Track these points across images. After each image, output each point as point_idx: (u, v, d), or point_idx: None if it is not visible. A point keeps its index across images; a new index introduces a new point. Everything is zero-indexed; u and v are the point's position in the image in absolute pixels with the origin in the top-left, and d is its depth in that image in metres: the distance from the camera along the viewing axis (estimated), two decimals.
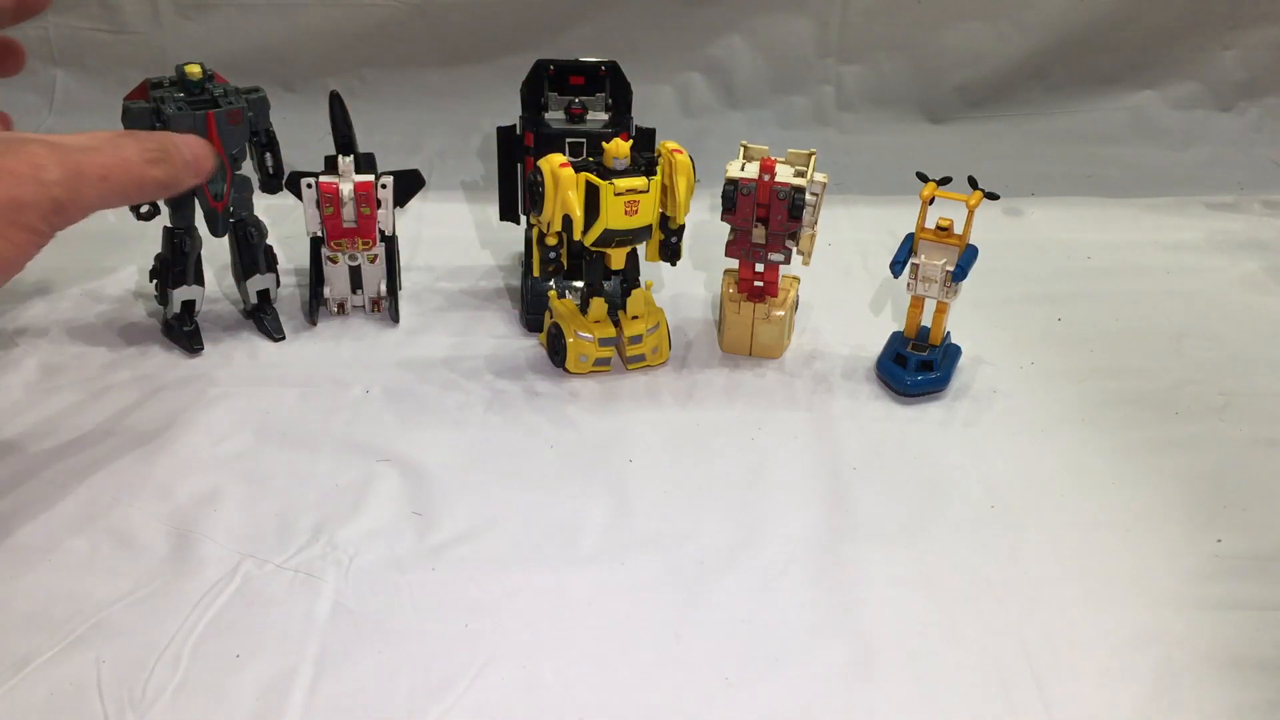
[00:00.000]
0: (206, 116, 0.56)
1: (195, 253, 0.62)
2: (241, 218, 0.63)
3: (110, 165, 0.48)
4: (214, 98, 0.58)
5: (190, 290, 0.63)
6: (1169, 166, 0.96)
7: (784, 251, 0.62)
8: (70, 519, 0.51)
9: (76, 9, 0.96)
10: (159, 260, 0.63)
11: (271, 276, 0.65)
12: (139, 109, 0.57)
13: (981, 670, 0.44)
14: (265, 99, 0.60)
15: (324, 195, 0.63)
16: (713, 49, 1.00)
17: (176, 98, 0.57)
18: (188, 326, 0.63)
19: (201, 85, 0.58)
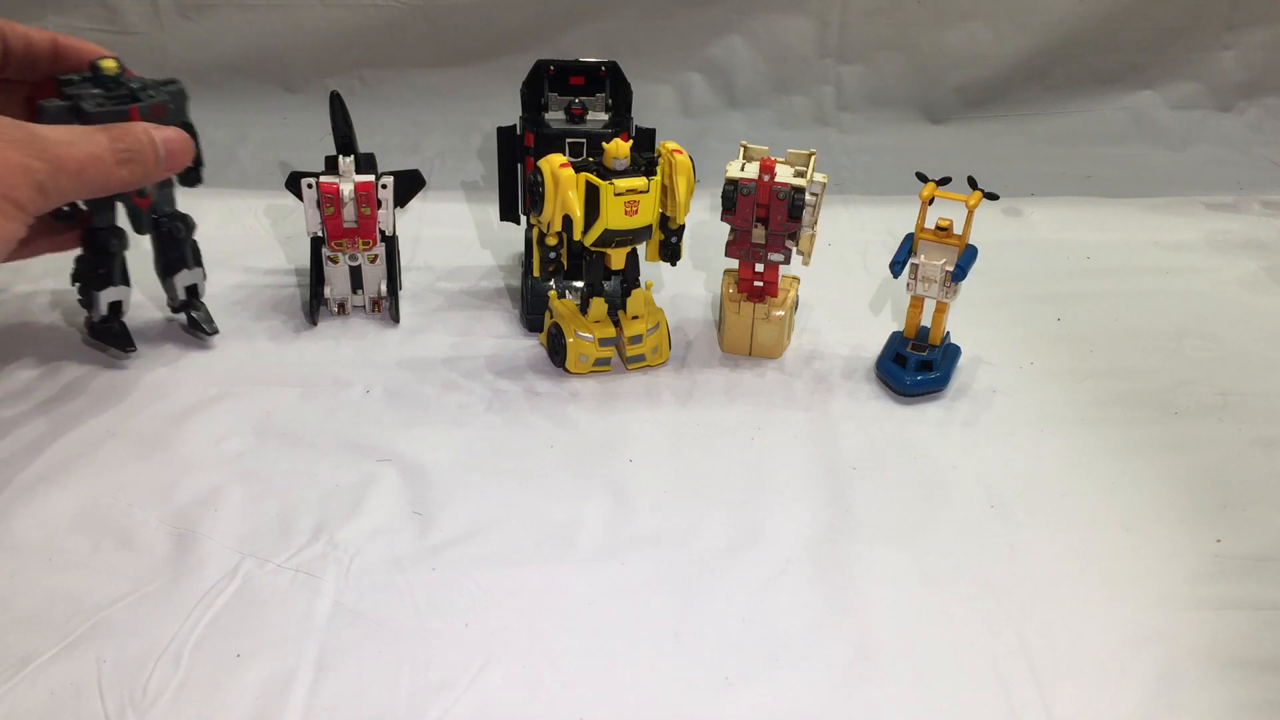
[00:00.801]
0: (130, 111, 0.55)
1: (120, 252, 0.61)
2: (165, 213, 0.61)
3: (84, 161, 0.50)
4: (133, 92, 0.56)
5: (118, 291, 0.61)
6: (1169, 166, 0.96)
7: (784, 251, 0.62)
8: (70, 519, 0.51)
9: (76, 9, 0.96)
10: (80, 262, 0.61)
11: (199, 270, 0.64)
12: (55, 107, 0.54)
13: (981, 670, 0.44)
14: (183, 91, 0.59)
15: (324, 195, 0.63)
16: (713, 49, 1.00)
17: (93, 94, 0.55)
18: (116, 325, 0.62)
19: (118, 80, 0.56)
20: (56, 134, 0.50)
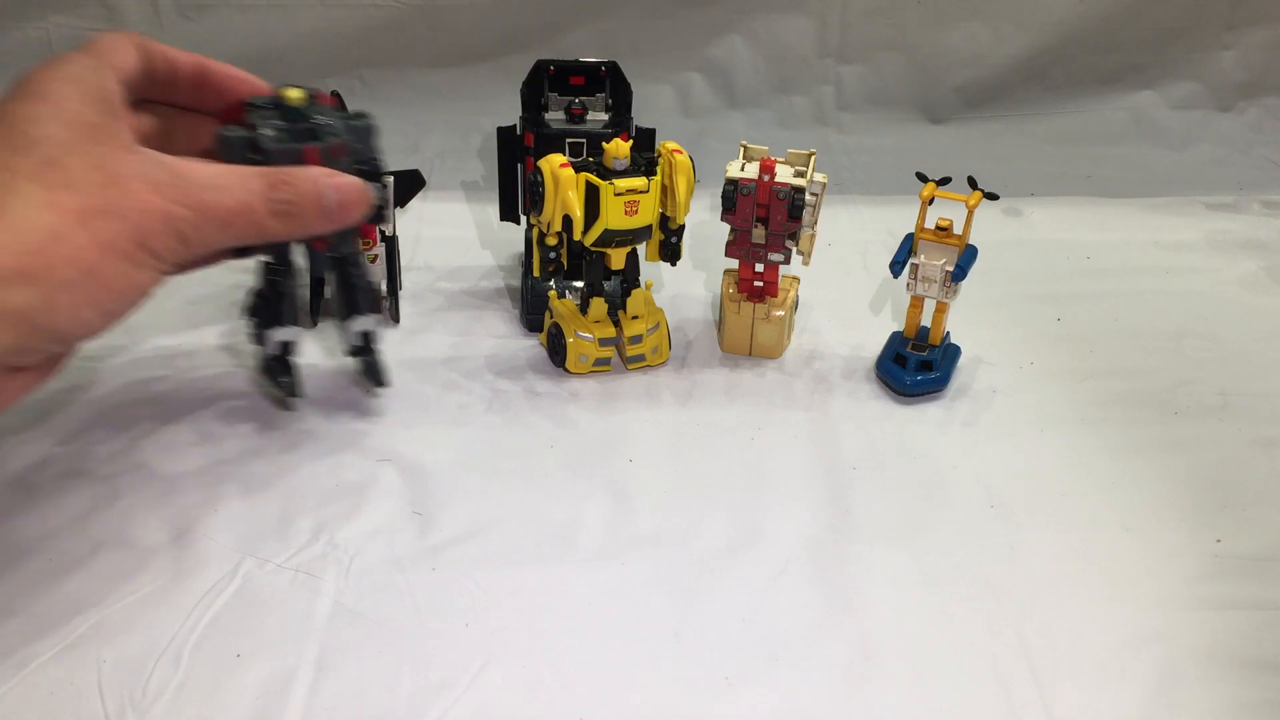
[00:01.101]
0: (309, 151, 0.50)
1: (294, 291, 0.56)
2: (344, 253, 0.56)
3: (234, 210, 0.46)
4: (315, 129, 0.51)
5: (289, 331, 0.57)
6: (1169, 166, 0.96)
7: (784, 251, 0.62)
8: (70, 519, 0.51)
9: (76, 9, 0.96)
10: (255, 296, 0.57)
11: (374, 318, 0.59)
12: (234, 137, 0.50)
13: (981, 670, 0.44)
14: (372, 126, 0.53)
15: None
16: (713, 49, 1.00)
17: (275, 125, 0.50)
18: (283, 376, 0.58)
19: (301, 112, 0.51)
20: (207, 176, 0.46)
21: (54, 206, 0.42)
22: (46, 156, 0.42)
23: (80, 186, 0.42)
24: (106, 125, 0.44)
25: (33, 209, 0.41)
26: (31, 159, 0.42)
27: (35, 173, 0.42)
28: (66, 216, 0.42)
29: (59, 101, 0.44)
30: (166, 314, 0.68)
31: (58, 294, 0.42)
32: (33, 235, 0.41)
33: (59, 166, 0.42)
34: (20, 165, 0.42)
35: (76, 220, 0.42)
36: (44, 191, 0.42)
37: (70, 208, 0.42)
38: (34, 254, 0.41)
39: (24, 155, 0.42)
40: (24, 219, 0.41)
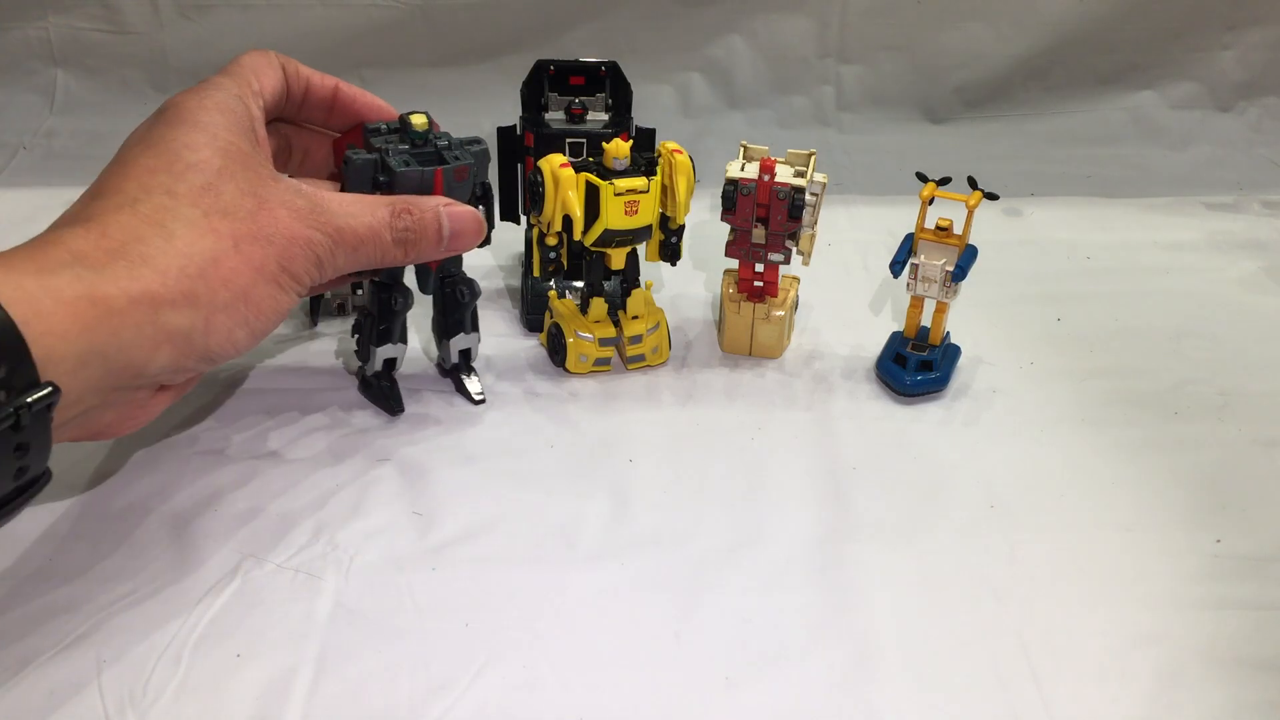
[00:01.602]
0: (435, 174, 0.53)
1: (405, 310, 0.58)
2: (452, 273, 0.58)
3: (364, 238, 0.49)
4: (438, 150, 0.54)
5: (394, 348, 0.58)
6: (1168, 166, 0.96)
7: (784, 251, 0.62)
8: (70, 519, 0.51)
9: (77, 9, 0.96)
10: (363, 315, 0.58)
11: (475, 336, 0.61)
12: (363, 161, 0.52)
13: (981, 670, 0.44)
14: (488, 151, 0.56)
15: None
16: (713, 49, 1.00)
17: (400, 149, 0.53)
18: (386, 383, 0.59)
19: (425, 137, 0.54)
20: (340, 204, 0.49)
21: (213, 231, 0.44)
22: (204, 182, 0.44)
23: (234, 212, 0.45)
24: (254, 153, 0.47)
25: (194, 233, 0.43)
26: (191, 184, 0.44)
27: (195, 198, 0.44)
28: (223, 241, 0.44)
29: (212, 130, 0.46)
30: None
31: (215, 315, 0.44)
32: (194, 259, 0.43)
33: (215, 192, 0.44)
34: (180, 189, 0.44)
35: (232, 245, 0.44)
36: (203, 216, 0.44)
37: (226, 232, 0.44)
38: (196, 278, 0.43)
39: (183, 180, 0.44)
40: (187, 243, 0.43)
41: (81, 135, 0.95)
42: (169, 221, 0.43)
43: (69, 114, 0.97)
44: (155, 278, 0.41)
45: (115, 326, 0.40)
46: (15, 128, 0.95)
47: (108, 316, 0.40)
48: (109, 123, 0.96)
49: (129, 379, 0.42)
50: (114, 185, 0.44)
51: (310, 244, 0.47)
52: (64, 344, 0.38)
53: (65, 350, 0.38)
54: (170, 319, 0.42)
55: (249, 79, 0.50)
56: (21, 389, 0.37)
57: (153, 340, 0.42)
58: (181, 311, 0.42)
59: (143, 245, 0.42)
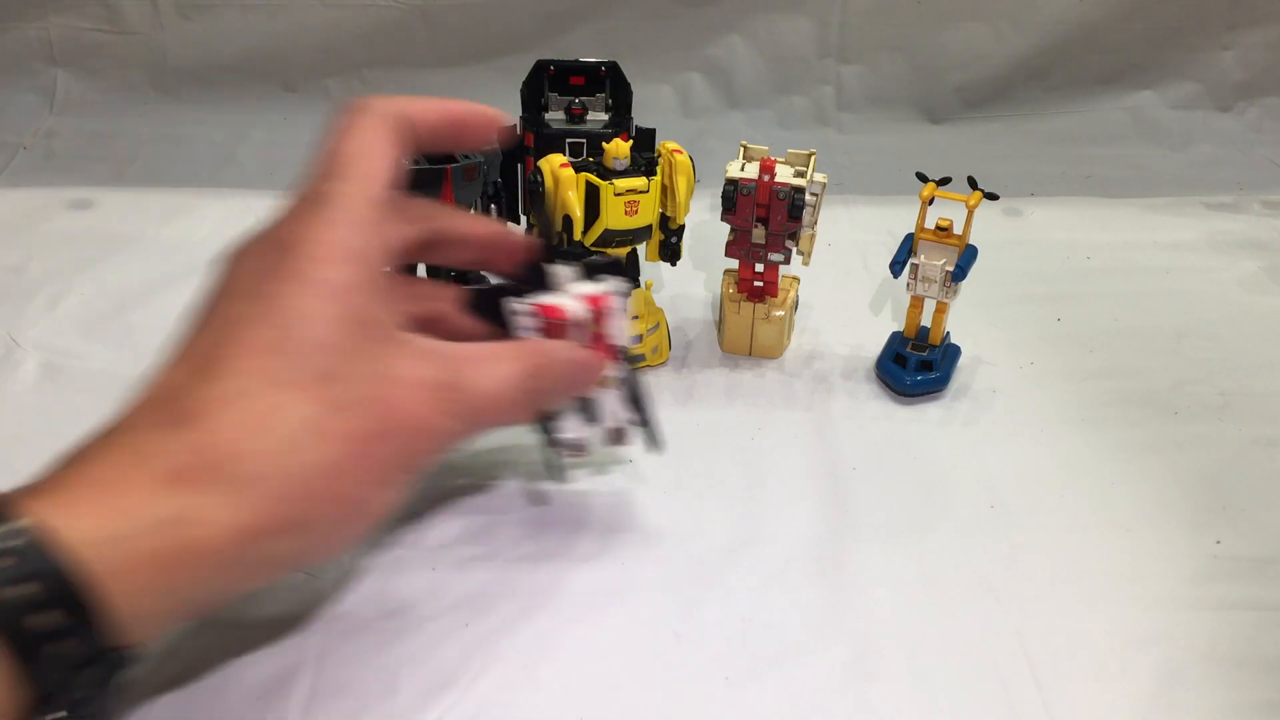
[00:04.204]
0: (444, 173, 0.53)
1: None
2: (463, 271, 0.57)
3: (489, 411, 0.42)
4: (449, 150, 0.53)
5: None
6: (1168, 166, 0.96)
7: (784, 252, 0.62)
8: None
9: (76, 9, 0.96)
10: None
11: None
12: None
13: (981, 670, 0.44)
14: (498, 151, 0.55)
15: (550, 323, 0.46)
16: (713, 49, 1.00)
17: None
18: None
19: None
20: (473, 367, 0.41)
21: (333, 436, 0.36)
22: (326, 368, 0.37)
23: (358, 407, 0.37)
24: (377, 314, 0.39)
25: (312, 441, 0.36)
26: (311, 371, 0.36)
27: (314, 390, 0.36)
28: (344, 447, 0.37)
29: (334, 292, 0.38)
30: (168, 322, 0.68)
31: (324, 537, 0.38)
32: (309, 478, 0.36)
33: (337, 381, 0.37)
34: (295, 379, 0.36)
35: (354, 450, 0.37)
36: (323, 416, 0.36)
37: (347, 435, 0.37)
38: (306, 500, 0.36)
39: (302, 366, 0.36)
40: (302, 456, 0.36)
41: (81, 135, 0.95)
42: (283, 425, 0.35)
43: (69, 114, 0.97)
44: (263, 506, 0.35)
45: (210, 570, 0.34)
46: (15, 128, 0.95)
47: (200, 560, 0.34)
48: (109, 123, 0.96)
49: (212, 605, 0.37)
50: (222, 363, 0.36)
51: (439, 433, 0.40)
52: (151, 600, 0.33)
53: (151, 608, 0.33)
54: (271, 549, 0.35)
55: (365, 181, 0.40)
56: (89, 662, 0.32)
57: (247, 572, 0.36)
58: (287, 540, 0.36)
59: (251, 462, 0.35)
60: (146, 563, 0.33)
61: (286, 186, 0.68)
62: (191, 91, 0.99)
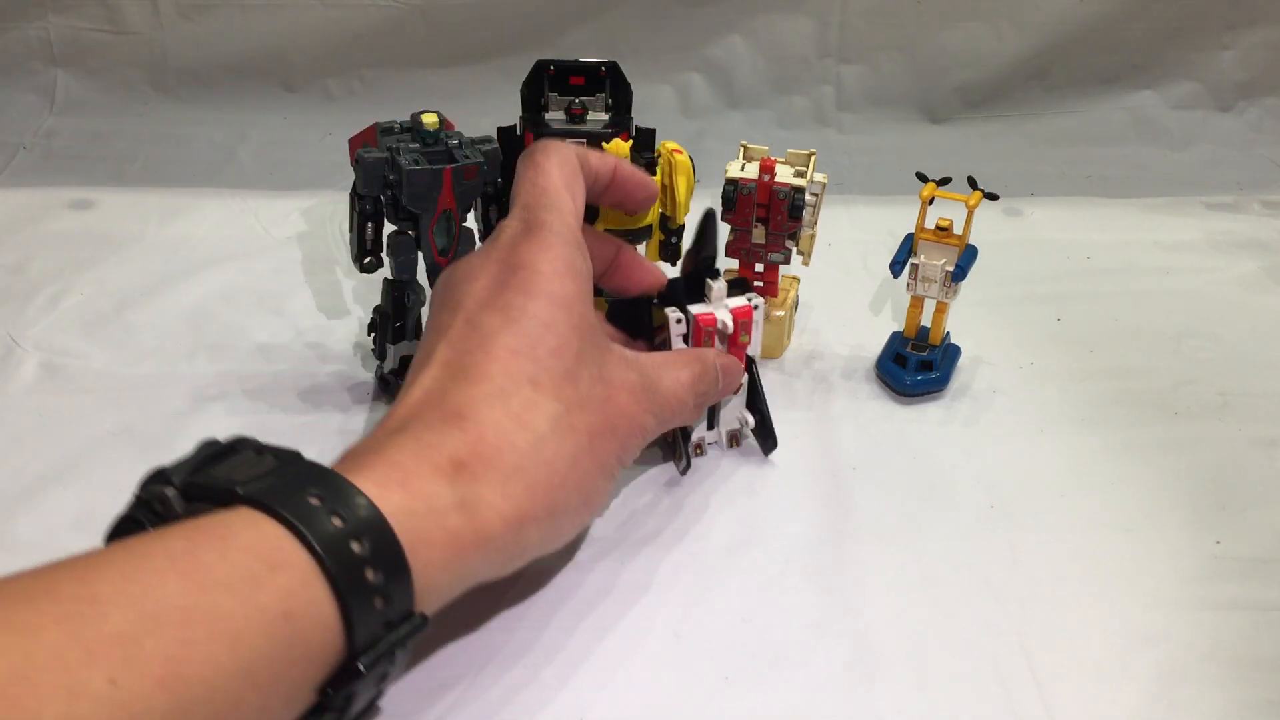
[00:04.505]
0: (444, 173, 0.53)
1: (417, 308, 0.58)
2: None
3: (677, 408, 0.49)
4: (449, 150, 0.54)
5: (409, 345, 0.58)
6: (1169, 166, 0.96)
7: (784, 252, 0.62)
8: (70, 519, 0.51)
9: (76, 9, 0.96)
10: (378, 313, 0.59)
11: None
12: (374, 159, 0.52)
13: (981, 670, 0.44)
14: (498, 150, 0.56)
15: (702, 329, 0.52)
16: (713, 49, 1.00)
17: (411, 148, 0.53)
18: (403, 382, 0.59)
19: (436, 136, 0.54)
20: (658, 372, 0.47)
21: (573, 430, 0.42)
22: (565, 370, 0.42)
23: (589, 403, 0.43)
24: (596, 324, 0.45)
25: (559, 435, 0.41)
26: (554, 372, 0.42)
27: (557, 389, 0.42)
28: (581, 440, 0.42)
29: (568, 303, 0.43)
30: (168, 322, 0.68)
31: (564, 523, 0.43)
32: (558, 468, 0.41)
33: (575, 380, 0.42)
34: (544, 379, 0.42)
35: (588, 443, 0.42)
36: (565, 412, 0.42)
37: (583, 429, 0.42)
38: (557, 488, 0.41)
39: (547, 369, 0.42)
40: (553, 449, 0.41)
41: (81, 135, 0.95)
42: (536, 420, 0.41)
43: (69, 114, 0.97)
44: (525, 495, 0.40)
45: (486, 553, 0.39)
46: (15, 128, 0.95)
47: (481, 543, 0.38)
48: (109, 123, 0.96)
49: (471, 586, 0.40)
50: (479, 367, 0.41)
51: (644, 429, 0.46)
52: (442, 575, 0.37)
53: (440, 582, 0.37)
54: (530, 535, 0.40)
55: (570, 207, 0.47)
56: (397, 622, 0.35)
57: (510, 558, 0.41)
58: (541, 526, 0.41)
59: (516, 455, 0.40)
60: (441, 540, 0.37)
61: (286, 186, 0.68)
62: (191, 91, 0.99)
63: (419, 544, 0.36)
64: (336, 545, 0.33)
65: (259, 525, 0.33)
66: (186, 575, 0.31)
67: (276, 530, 0.33)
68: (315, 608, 0.33)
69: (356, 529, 0.34)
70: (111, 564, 0.31)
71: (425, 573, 0.36)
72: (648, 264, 0.55)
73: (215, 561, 0.32)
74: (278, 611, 0.32)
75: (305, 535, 0.33)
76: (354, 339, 0.66)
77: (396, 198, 0.54)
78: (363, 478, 0.36)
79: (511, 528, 0.39)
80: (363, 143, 0.55)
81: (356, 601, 0.33)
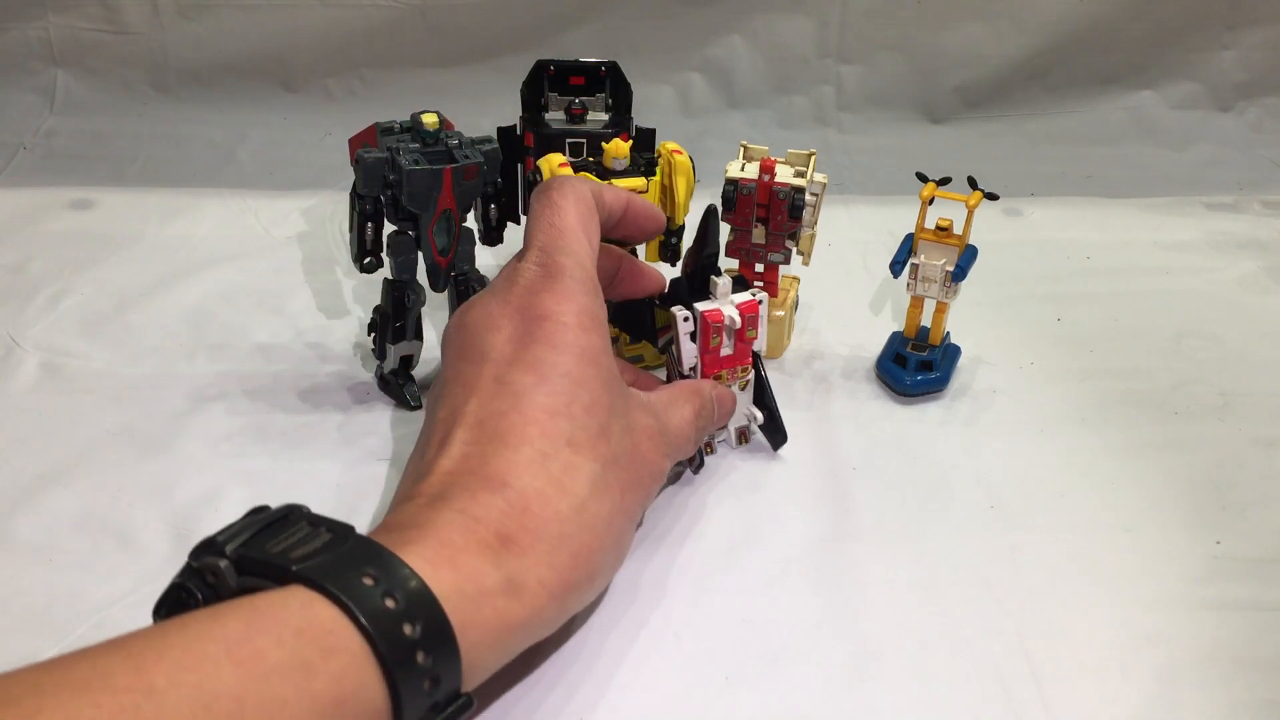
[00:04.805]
0: (444, 173, 0.53)
1: (417, 307, 0.58)
2: (464, 271, 0.58)
3: (686, 445, 0.49)
4: (449, 150, 0.54)
5: (409, 345, 0.59)
6: (1168, 166, 0.96)
7: (784, 252, 0.62)
8: (70, 519, 0.51)
9: (76, 9, 0.97)
10: (378, 313, 0.59)
11: None
12: (374, 160, 0.52)
13: (981, 670, 0.44)
14: (498, 150, 0.57)
15: (710, 325, 0.52)
16: (713, 49, 1.00)
17: (411, 148, 0.53)
18: (405, 387, 0.59)
19: (437, 136, 0.54)
20: (668, 412, 0.48)
21: (609, 489, 0.42)
22: (600, 427, 0.42)
23: (621, 460, 0.43)
24: (618, 372, 0.45)
25: (596, 496, 0.41)
26: (589, 430, 0.42)
27: (593, 447, 0.42)
28: (616, 498, 0.42)
29: (596, 358, 0.43)
30: (168, 322, 0.68)
31: (599, 583, 0.43)
32: (599, 530, 0.41)
33: (607, 437, 0.43)
34: (581, 438, 0.42)
35: (621, 500, 0.43)
36: (601, 470, 0.42)
37: (617, 486, 0.42)
38: (598, 551, 0.41)
39: (583, 427, 0.42)
40: (593, 512, 0.41)
41: (81, 135, 0.95)
42: (577, 484, 0.41)
43: (69, 114, 0.97)
44: (569, 564, 0.39)
45: (532, 628, 0.39)
46: (15, 128, 0.95)
47: (529, 621, 0.38)
48: (109, 123, 0.96)
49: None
50: (516, 430, 0.41)
51: (662, 474, 0.47)
52: (489, 654, 0.37)
53: (488, 660, 0.37)
54: (572, 602, 0.41)
55: (586, 248, 0.46)
56: (444, 704, 0.35)
57: (553, 624, 0.40)
58: (583, 590, 0.41)
59: (560, 524, 0.40)
60: (491, 621, 0.36)
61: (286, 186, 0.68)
62: (191, 91, 0.99)
63: (468, 625, 0.35)
64: (390, 628, 0.33)
65: (313, 606, 0.33)
66: (242, 664, 0.30)
67: (331, 612, 0.33)
68: (366, 691, 0.33)
69: (410, 611, 0.34)
70: (168, 650, 0.30)
71: (473, 652, 0.36)
72: (648, 268, 0.55)
73: (270, 647, 0.31)
74: (330, 698, 0.32)
75: (359, 618, 0.33)
76: (354, 339, 0.66)
77: (396, 198, 0.54)
78: (413, 555, 0.36)
79: (556, 600, 0.39)
80: (363, 143, 0.55)
81: (407, 685, 0.33)
